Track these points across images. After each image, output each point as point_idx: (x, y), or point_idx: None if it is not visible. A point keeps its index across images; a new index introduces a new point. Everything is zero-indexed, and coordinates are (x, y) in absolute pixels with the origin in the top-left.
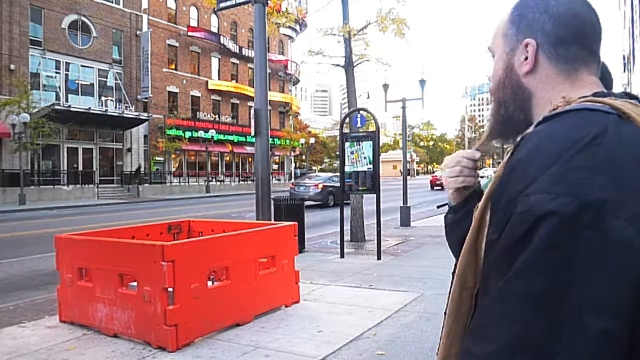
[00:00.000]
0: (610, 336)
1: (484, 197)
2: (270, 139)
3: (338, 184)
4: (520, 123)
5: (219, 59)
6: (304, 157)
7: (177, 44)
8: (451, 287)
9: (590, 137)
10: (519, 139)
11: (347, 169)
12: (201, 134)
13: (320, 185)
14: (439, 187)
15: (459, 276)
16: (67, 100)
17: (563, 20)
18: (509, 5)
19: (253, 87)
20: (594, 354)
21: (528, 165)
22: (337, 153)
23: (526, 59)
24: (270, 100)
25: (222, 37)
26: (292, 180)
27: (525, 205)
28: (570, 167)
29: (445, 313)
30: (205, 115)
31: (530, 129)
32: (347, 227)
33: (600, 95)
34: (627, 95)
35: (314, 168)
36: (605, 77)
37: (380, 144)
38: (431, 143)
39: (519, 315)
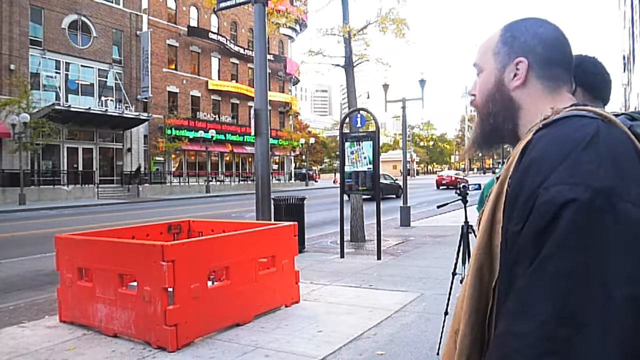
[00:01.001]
0: (637, 302)
1: (491, 197)
2: (270, 139)
3: (387, 181)
4: (508, 132)
5: (219, 59)
6: (304, 157)
7: (177, 44)
8: (451, 287)
9: (590, 137)
10: (524, 143)
11: (347, 169)
12: (201, 134)
13: None
14: (445, 187)
15: (475, 274)
16: (67, 100)
17: (552, 45)
18: (497, 25)
19: (253, 87)
20: (625, 321)
21: (542, 163)
22: (337, 153)
23: (515, 75)
24: (270, 100)
25: (222, 37)
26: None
27: (547, 195)
28: (579, 161)
29: (445, 313)
30: (205, 115)
31: (529, 135)
32: (347, 227)
33: (578, 105)
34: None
35: (314, 168)
36: (605, 78)
37: (380, 144)
38: (431, 143)
39: (554, 292)
